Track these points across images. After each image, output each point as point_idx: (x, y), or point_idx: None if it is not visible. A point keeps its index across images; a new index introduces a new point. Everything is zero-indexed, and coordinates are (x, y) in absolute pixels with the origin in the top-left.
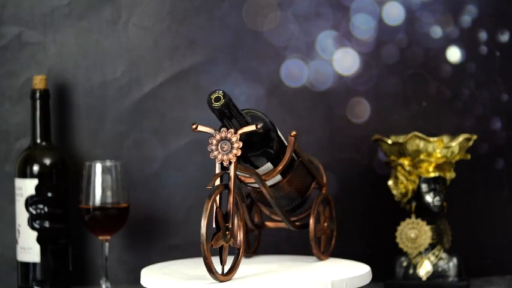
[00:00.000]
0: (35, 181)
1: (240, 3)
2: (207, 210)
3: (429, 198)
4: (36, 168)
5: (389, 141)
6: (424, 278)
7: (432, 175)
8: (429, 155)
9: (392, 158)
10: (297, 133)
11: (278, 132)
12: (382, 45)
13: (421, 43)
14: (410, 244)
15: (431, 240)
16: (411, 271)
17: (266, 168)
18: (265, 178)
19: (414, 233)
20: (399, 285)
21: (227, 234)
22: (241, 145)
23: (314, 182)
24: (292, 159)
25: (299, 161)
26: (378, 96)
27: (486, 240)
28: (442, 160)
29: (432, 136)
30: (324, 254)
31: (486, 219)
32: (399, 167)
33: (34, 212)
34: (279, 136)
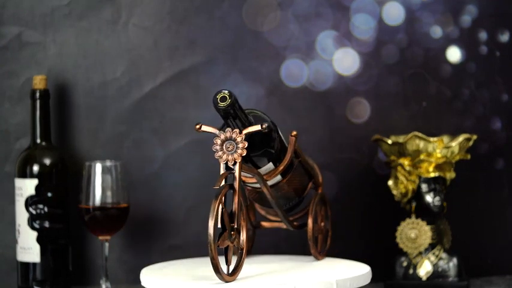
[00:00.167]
0: (35, 181)
1: (240, 3)
2: (215, 210)
3: (429, 198)
4: (36, 168)
5: (389, 141)
6: (424, 278)
7: (432, 175)
8: (429, 155)
9: (392, 158)
10: (297, 133)
11: (279, 132)
12: (382, 45)
13: (421, 43)
14: (410, 244)
15: (431, 240)
16: (411, 271)
17: (267, 168)
18: (266, 178)
19: (414, 233)
20: (399, 285)
21: (232, 234)
22: (246, 145)
23: (311, 182)
24: (292, 159)
25: (298, 161)
26: (378, 96)
27: (486, 240)
28: (442, 160)
29: (432, 136)
30: (321, 254)
31: (486, 219)
32: (399, 167)
33: (34, 212)
34: (280, 136)
